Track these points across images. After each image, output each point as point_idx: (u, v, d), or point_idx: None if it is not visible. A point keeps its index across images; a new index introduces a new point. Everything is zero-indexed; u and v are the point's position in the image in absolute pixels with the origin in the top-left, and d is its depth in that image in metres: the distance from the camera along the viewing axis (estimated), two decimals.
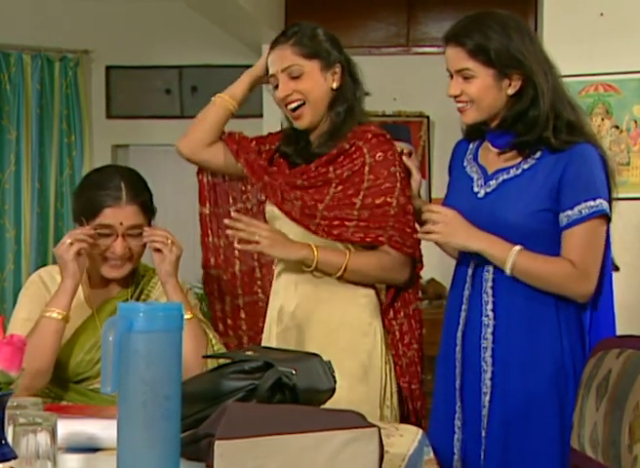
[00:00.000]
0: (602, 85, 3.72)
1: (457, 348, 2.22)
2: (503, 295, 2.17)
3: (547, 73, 2.15)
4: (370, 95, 2.40)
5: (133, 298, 2.24)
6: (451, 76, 2.19)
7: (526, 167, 2.17)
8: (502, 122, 2.19)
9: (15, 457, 1.27)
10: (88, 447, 1.58)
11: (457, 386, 2.21)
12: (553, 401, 2.14)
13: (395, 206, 2.27)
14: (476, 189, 2.23)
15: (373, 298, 2.34)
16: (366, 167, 2.28)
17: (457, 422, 2.22)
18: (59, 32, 5.81)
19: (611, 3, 3.70)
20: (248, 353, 1.72)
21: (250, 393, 1.61)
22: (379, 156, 2.29)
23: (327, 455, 1.36)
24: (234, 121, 2.49)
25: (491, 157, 2.24)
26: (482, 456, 2.18)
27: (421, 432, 1.83)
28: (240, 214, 2.32)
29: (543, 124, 2.13)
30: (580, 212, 2.09)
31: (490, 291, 2.18)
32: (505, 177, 2.18)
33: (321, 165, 2.32)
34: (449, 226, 2.12)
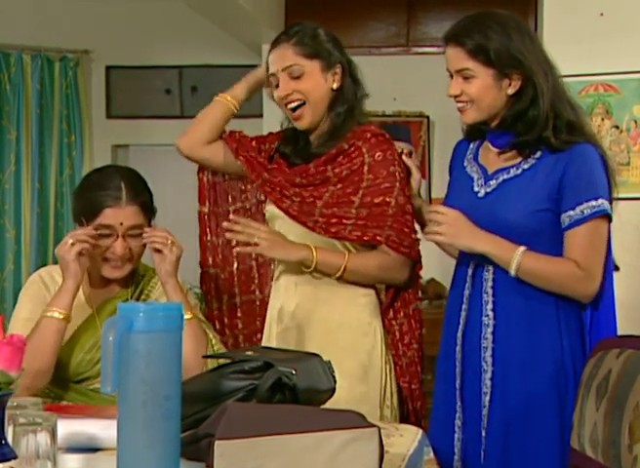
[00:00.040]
0: (602, 85, 3.72)
1: (457, 348, 2.22)
2: (503, 295, 2.17)
3: (547, 73, 2.15)
4: (369, 96, 2.40)
5: (133, 298, 2.24)
6: (451, 76, 2.19)
7: (526, 167, 2.17)
8: (502, 122, 2.19)
9: (15, 457, 1.27)
10: (88, 447, 1.58)
11: (457, 386, 2.21)
12: (553, 401, 2.14)
13: (394, 205, 2.28)
14: (476, 189, 2.23)
15: (373, 298, 2.34)
16: (365, 166, 2.28)
17: (457, 422, 2.22)
18: (59, 32, 5.81)
19: (611, 3, 3.70)
20: (248, 353, 1.72)
21: (250, 393, 1.61)
22: (378, 156, 2.29)
23: (327, 455, 1.36)
24: (234, 121, 2.50)
25: (491, 157, 2.24)
26: (482, 456, 2.18)
27: (421, 432, 1.83)
28: (238, 217, 2.32)
29: (543, 124, 2.13)
30: (582, 212, 2.09)
31: (490, 290, 2.18)
32: (505, 177, 2.19)
33: (320, 164, 2.32)
34: (453, 227, 2.12)
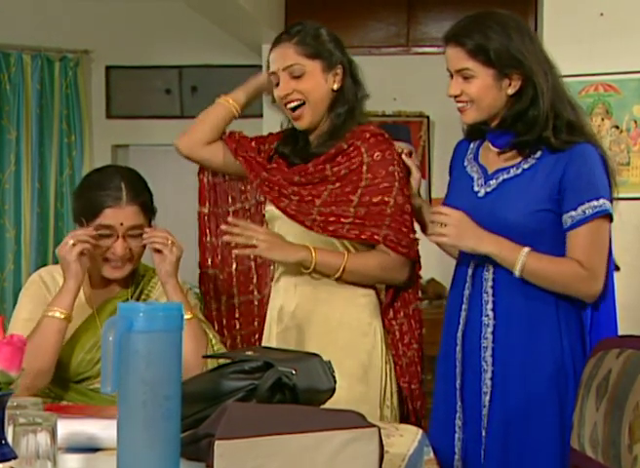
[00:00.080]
0: (602, 85, 3.72)
1: (457, 348, 2.22)
2: (503, 295, 2.17)
3: (547, 73, 2.15)
4: (370, 97, 2.40)
5: (133, 298, 2.24)
6: (451, 76, 2.19)
7: (526, 166, 2.17)
8: (502, 122, 2.19)
9: (15, 457, 1.27)
10: (88, 447, 1.58)
11: (457, 386, 2.21)
12: (553, 401, 2.14)
13: (392, 205, 2.27)
14: (476, 189, 2.23)
15: (373, 298, 2.34)
16: (364, 166, 2.28)
17: (457, 422, 2.22)
18: (59, 32, 5.81)
19: (611, 3, 3.70)
20: (248, 353, 1.72)
21: (250, 393, 1.61)
22: (377, 156, 2.29)
23: (327, 455, 1.36)
24: (235, 121, 2.50)
25: (491, 157, 2.24)
26: (482, 456, 2.18)
27: (421, 432, 1.82)
28: (237, 219, 2.32)
29: (543, 123, 2.13)
30: (584, 212, 2.09)
31: (490, 290, 2.18)
32: (505, 177, 2.19)
33: (319, 163, 2.32)
34: (457, 228, 2.11)
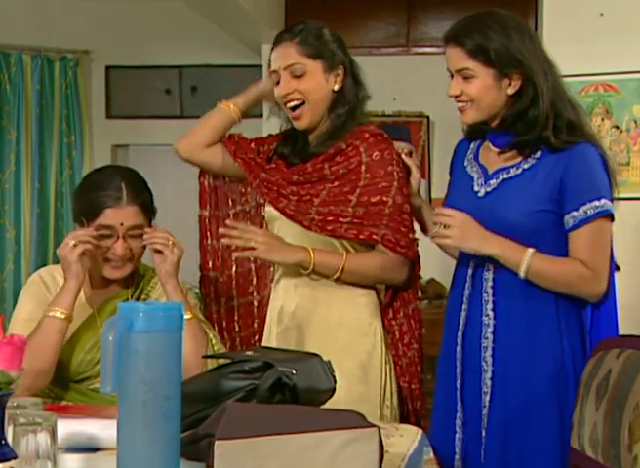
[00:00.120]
0: (602, 85, 3.72)
1: (457, 348, 2.22)
2: (503, 295, 2.17)
3: (547, 73, 2.15)
4: (371, 98, 2.40)
5: (133, 298, 2.24)
6: (451, 76, 2.19)
7: (526, 166, 2.17)
8: (503, 121, 2.19)
9: (15, 457, 1.27)
10: (88, 447, 1.58)
11: (457, 386, 2.21)
12: (553, 401, 2.14)
13: (391, 205, 2.27)
14: (476, 188, 2.23)
15: (372, 298, 2.34)
16: (362, 165, 2.28)
17: (457, 422, 2.22)
18: (59, 32, 5.81)
19: (611, 3, 3.70)
20: (248, 353, 1.72)
21: (250, 393, 1.61)
22: (375, 155, 2.28)
23: (327, 455, 1.36)
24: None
25: (491, 156, 2.24)
26: (482, 456, 2.18)
27: (421, 432, 1.82)
28: (235, 221, 2.32)
29: (543, 123, 2.13)
30: (586, 212, 2.09)
31: (490, 290, 2.18)
32: (506, 177, 2.19)
33: (317, 162, 2.32)
34: (461, 230, 2.10)
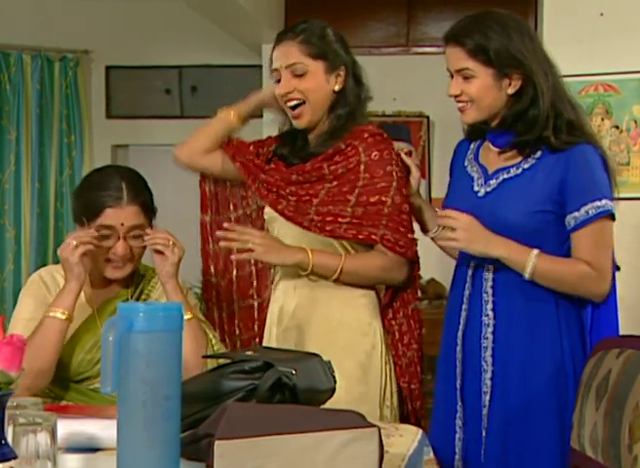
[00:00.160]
0: (602, 85, 3.72)
1: (457, 348, 2.22)
2: (503, 295, 2.17)
3: (547, 73, 2.15)
4: (372, 99, 2.39)
5: (133, 298, 2.24)
6: (451, 76, 2.19)
7: (526, 166, 2.17)
8: (503, 121, 2.19)
9: (15, 457, 1.27)
10: (88, 447, 1.58)
11: (457, 386, 2.21)
12: (553, 401, 2.14)
13: (390, 205, 2.27)
14: (476, 188, 2.23)
15: (372, 298, 2.34)
16: (361, 165, 2.28)
17: (458, 422, 2.22)
18: (59, 32, 5.81)
19: (611, 3, 3.70)
20: (248, 353, 1.72)
21: (250, 393, 1.61)
22: (374, 155, 2.28)
23: (327, 455, 1.36)
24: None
25: (491, 156, 2.24)
26: (482, 456, 2.18)
27: (421, 432, 1.82)
28: (232, 224, 2.32)
29: (543, 123, 2.13)
30: (587, 212, 2.09)
31: (490, 290, 2.18)
32: (506, 177, 2.18)
33: (317, 162, 2.32)
34: (467, 232, 2.10)
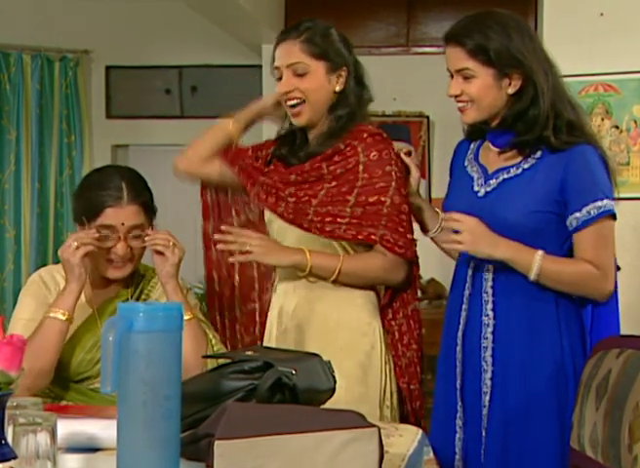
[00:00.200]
0: (602, 85, 3.72)
1: (457, 348, 2.22)
2: (503, 295, 2.17)
3: (547, 72, 2.15)
4: (374, 100, 2.39)
5: (133, 298, 2.24)
6: (451, 76, 2.19)
7: (526, 166, 2.17)
8: (503, 121, 2.19)
9: (15, 457, 1.27)
10: (88, 447, 1.58)
11: (457, 386, 2.21)
12: (553, 401, 2.14)
13: (389, 205, 2.26)
14: (476, 188, 2.23)
15: (372, 299, 2.34)
16: (360, 165, 2.27)
17: (458, 422, 2.22)
18: (59, 32, 5.81)
19: (611, 3, 3.70)
20: (248, 353, 1.72)
21: (250, 393, 1.61)
22: (373, 155, 2.28)
23: (327, 455, 1.36)
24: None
25: (491, 156, 2.24)
26: (482, 456, 2.18)
27: (421, 432, 1.82)
28: (229, 227, 2.32)
29: (544, 123, 2.13)
30: (589, 212, 2.09)
31: (490, 290, 2.18)
32: (506, 177, 2.19)
33: (316, 162, 2.31)
34: (473, 235, 2.09)
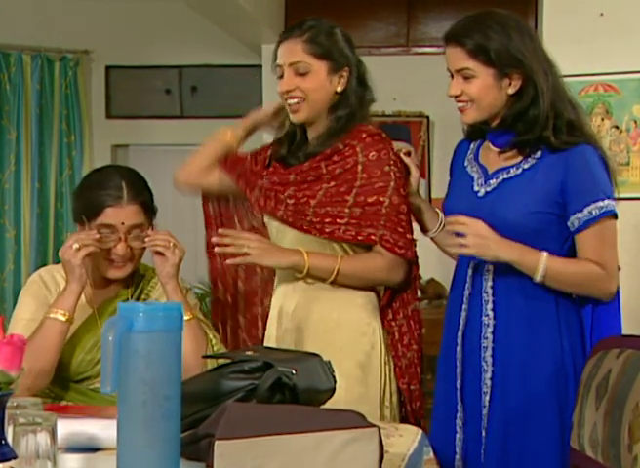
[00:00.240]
0: (602, 85, 3.72)
1: (457, 348, 2.22)
2: (503, 295, 2.17)
3: (547, 72, 2.15)
4: (376, 101, 2.39)
5: (133, 298, 2.24)
6: (451, 76, 2.19)
7: (526, 166, 2.17)
8: (503, 121, 2.19)
9: (15, 457, 1.27)
10: (88, 447, 1.58)
11: (457, 386, 2.21)
12: (553, 401, 2.14)
13: (387, 205, 2.26)
14: (476, 188, 2.23)
15: (371, 299, 2.33)
16: (359, 165, 2.27)
17: (458, 422, 2.22)
18: (59, 32, 5.81)
19: (611, 3, 3.70)
20: (248, 353, 1.72)
21: (250, 393, 1.61)
22: (372, 155, 2.28)
23: (327, 455, 1.36)
24: (235, 121, 2.50)
25: (491, 156, 2.24)
26: (482, 456, 2.18)
27: (421, 432, 1.82)
28: (227, 229, 2.32)
29: (544, 123, 2.12)
30: (591, 212, 2.09)
31: (490, 290, 2.18)
32: (506, 177, 2.18)
33: (314, 162, 2.31)
34: (479, 238, 2.09)
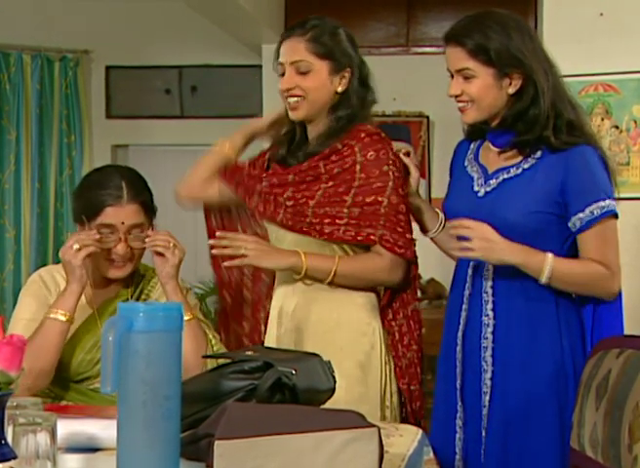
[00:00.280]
0: (602, 85, 3.72)
1: (457, 348, 2.22)
2: (503, 295, 2.17)
3: (548, 72, 2.15)
4: (377, 102, 2.39)
5: (133, 298, 2.24)
6: (451, 76, 2.19)
7: (526, 166, 2.17)
8: (503, 121, 2.19)
9: (15, 457, 1.27)
10: (88, 447, 1.58)
11: (457, 386, 2.21)
12: (553, 401, 2.14)
13: (386, 205, 2.25)
14: (476, 188, 2.23)
15: (371, 299, 2.33)
16: (357, 165, 2.27)
17: (458, 422, 2.22)
18: (59, 32, 5.81)
19: (611, 3, 3.70)
20: (248, 353, 1.72)
21: (250, 393, 1.61)
22: (370, 155, 2.27)
23: (327, 455, 1.36)
24: (235, 121, 2.50)
25: (491, 156, 2.24)
26: (482, 456, 2.18)
27: (421, 432, 1.82)
28: (224, 232, 2.32)
29: (544, 123, 2.12)
30: (592, 212, 2.09)
31: (490, 290, 2.18)
32: (506, 177, 2.19)
33: (313, 162, 2.31)
34: (484, 241, 2.08)
